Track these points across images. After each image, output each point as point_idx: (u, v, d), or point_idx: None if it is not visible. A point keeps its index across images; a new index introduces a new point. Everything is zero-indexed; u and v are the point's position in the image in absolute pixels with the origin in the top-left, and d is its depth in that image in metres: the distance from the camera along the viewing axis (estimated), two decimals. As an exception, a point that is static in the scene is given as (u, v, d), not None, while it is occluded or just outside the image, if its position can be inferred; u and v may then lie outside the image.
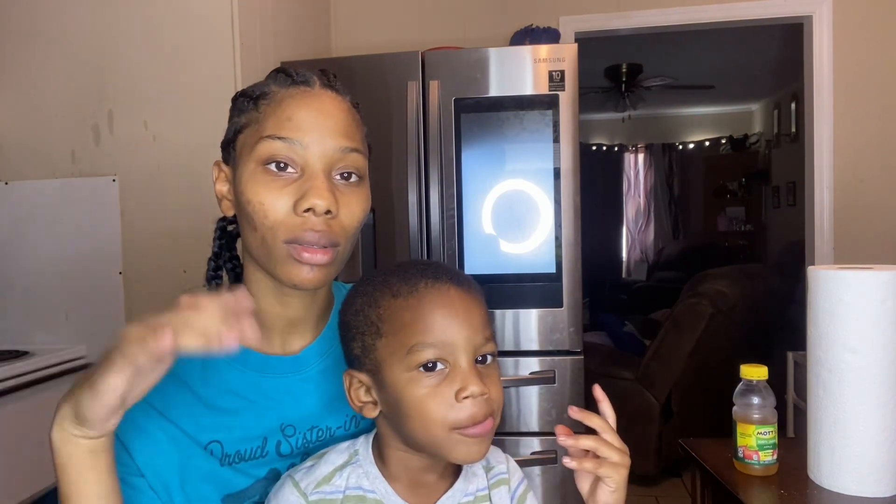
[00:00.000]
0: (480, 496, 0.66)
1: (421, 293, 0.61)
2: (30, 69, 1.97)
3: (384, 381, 0.62)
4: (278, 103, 0.67)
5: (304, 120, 0.66)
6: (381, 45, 2.72)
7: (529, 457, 1.90)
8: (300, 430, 0.71)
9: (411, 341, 0.59)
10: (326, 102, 0.68)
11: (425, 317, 0.60)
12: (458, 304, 0.61)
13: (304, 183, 0.65)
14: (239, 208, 0.68)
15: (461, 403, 0.59)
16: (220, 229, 0.78)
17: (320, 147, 0.66)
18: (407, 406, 0.60)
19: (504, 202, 1.93)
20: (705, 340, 2.77)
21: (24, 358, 1.75)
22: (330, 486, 0.63)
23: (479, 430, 0.59)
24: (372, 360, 0.62)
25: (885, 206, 2.61)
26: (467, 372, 0.59)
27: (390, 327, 0.61)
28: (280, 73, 0.70)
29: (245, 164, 0.67)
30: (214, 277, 0.78)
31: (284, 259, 0.66)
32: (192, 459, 0.66)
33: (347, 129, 0.69)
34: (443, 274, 0.63)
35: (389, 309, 0.61)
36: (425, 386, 0.59)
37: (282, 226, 0.65)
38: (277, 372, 0.71)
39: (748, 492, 1.01)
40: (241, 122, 0.69)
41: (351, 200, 0.68)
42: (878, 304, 0.95)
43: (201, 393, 0.68)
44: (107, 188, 1.92)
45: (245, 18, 1.91)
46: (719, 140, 6.85)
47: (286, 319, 0.72)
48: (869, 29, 2.60)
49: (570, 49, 1.90)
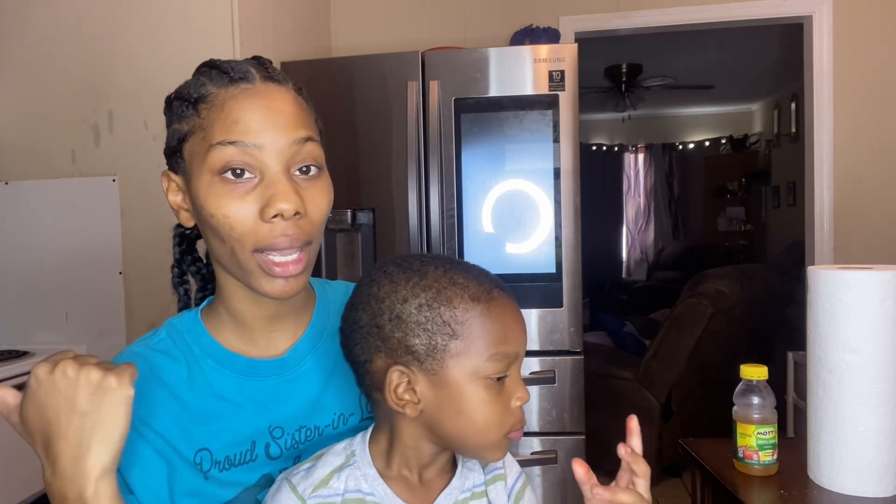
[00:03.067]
0: (477, 492, 0.66)
1: (497, 301, 0.63)
2: (30, 69, 1.97)
3: (447, 382, 0.61)
4: (220, 107, 0.63)
5: (252, 121, 0.63)
6: (381, 45, 2.72)
7: (529, 457, 1.90)
8: (288, 431, 0.70)
9: (493, 349, 0.61)
10: (271, 96, 0.65)
11: (507, 328, 0.62)
12: (520, 317, 0.65)
13: (266, 188, 0.63)
14: (201, 221, 0.66)
15: (514, 409, 0.62)
16: (179, 235, 0.77)
17: (275, 146, 0.63)
18: (469, 409, 0.61)
19: (504, 202, 1.93)
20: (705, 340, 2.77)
21: (24, 358, 1.75)
22: (328, 490, 0.62)
23: (519, 435, 0.64)
24: (438, 359, 0.60)
25: (885, 206, 2.61)
26: (520, 380, 0.63)
27: (469, 332, 0.61)
28: (213, 69, 0.66)
29: (199, 175, 0.64)
30: (181, 283, 0.77)
31: (256, 272, 0.64)
32: (178, 473, 0.65)
33: (297, 119, 0.65)
34: (501, 285, 0.65)
35: (470, 313, 0.61)
36: (493, 393, 0.61)
37: (250, 236, 0.63)
38: (263, 374, 0.71)
39: (748, 492, 1.01)
40: (184, 129, 0.66)
41: (315, 195, 0.66)
42: (878, 304, 0.95)
43: (187, 399, 0.67)
44: (107, 188, 1.92)
45: (245, 18, 1.91)
46: (719, 140, 6.85)
47: (264, 318, 0.71)
48: (869, 29, 2.60)
49: (570, 49, 1.90)
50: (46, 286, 1.95)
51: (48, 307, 1.95)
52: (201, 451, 0.67)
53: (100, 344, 1.92)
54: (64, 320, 1.95)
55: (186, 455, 0.66)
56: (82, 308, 1.94)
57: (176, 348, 0.70)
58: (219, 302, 0.72)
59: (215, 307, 0.73)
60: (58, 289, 1.95)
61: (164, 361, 0.69)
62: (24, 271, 1.96)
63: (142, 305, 1.92)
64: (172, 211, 0.71)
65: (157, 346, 0.70)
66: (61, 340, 1.92)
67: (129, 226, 1.92)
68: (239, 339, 0.71)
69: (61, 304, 1.95)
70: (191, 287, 0.78)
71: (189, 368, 0.69)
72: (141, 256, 1.91)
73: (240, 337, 0.71)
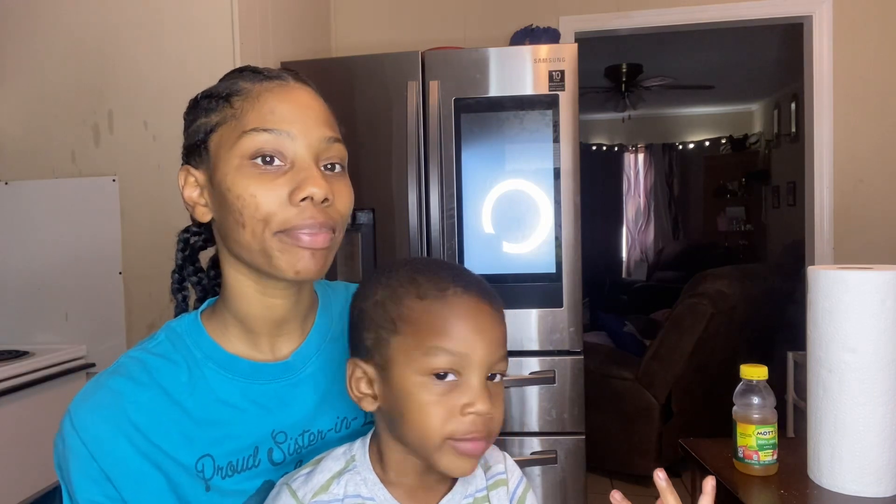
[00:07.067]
0: (479, 498, 0.65)
1: (449, 300, 0.60)
2: (30, 70, 1.97)
3: (391, 379, 0.61)
4: (256, 97, 0.65)
5: (287, 112, 0.65)
6: (381, 45, 2.72)
7: (529, 457, 1.90)
8: (291, 435, 0.70)
9: (429, 343, 0.59)
10: (304, 95, 0.68)
11: (449, 324, 0.59)
12: (482, 318, 0.60)
13: (296, 174, 0.64)
14: (224, 208, 0.65)
15: (464, 417, 0.58)
16: (183, 241, 0.76)
17: (307, 138, 0.65)
18: (409, 408, 0.59)
19: (504, 202, 1.93)
20: (705, 340, 2.77)
21: (24, 358, 1.75)
22: (328, 495, 0.61)
23: (472, 448, 0.59)
24: (383, 355, 0.61)
25: (885, 206, 2.61)
26: (478, 387, 0.59)
27: (410, 328, 0.60)
28: (245, 71, 0.69)
29: (227, 160, 0.64)
30: (180, 290, 0.77)
31: (279, 249, 0.64)
32: (178, 486, 0.64)
33: (328, 119, 0.68)
34: (473, 285, 0.62)
35: (413, 310, 0.60)
36: (433, 393, 0.59)
37: (275, 217, 0.63)
38: (267, 378, 0.70)
39: (748, 492, 1.01)
40: (213, 121, 0.66)
41: (341, 190, 0.67)
42: (878, 304, 0.95)
43: (188, 405, 0.66)
44: (107, 188, 1.92)
45: (245, 18, 1.91)
46: (719, 140, 6.85)
47: (272, 322, 0.70)
48: (869, 29, 2.60)
49: (570, 49, 1.90)
50: (46, 286, 1.95)
51: (48, 307, 1.95)
52: (203, 458, 0.65)
53: (99, 344, 1.92)
54: (64, 320, 1.95)
55: (187, 463, 0.65)
56: (82, 308, 1.94)
57: (176, 352, 0.68)
58: (223, 305, 0.71)
59: (218, 310, 0.71)
60: (58, 289, 1.95)
61: (164, 366, 0.67)
62: (24, 271, 1.96)
63: (142, 306, 1.92)
64: (187, 208, 0.70)
65: (156, 351, 0.68)
66: (61, 340, 1.92)
67: (129, 226, 1.92)
68: (242, 342, 0.70)
69: (61, 305, 1.95)
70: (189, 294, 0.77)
71: (190, 373, 0.67)
72: (141, 257, 1.91)
73: (244, 341, 0.70)
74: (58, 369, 1.79)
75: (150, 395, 0.65)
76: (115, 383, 0.65)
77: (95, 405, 0.64)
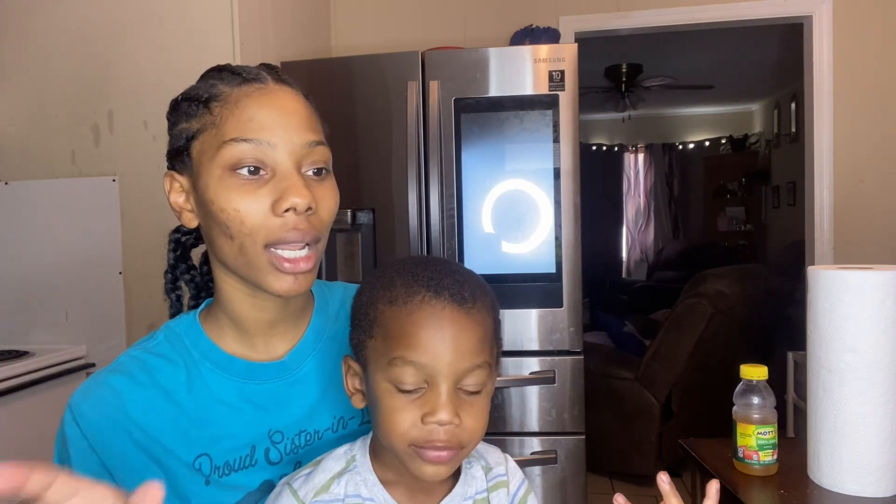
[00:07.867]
0: (479, 499, 0.65)
1: (414, 307, 0.58)
2: (30, 69, 1.97)
3: (368, 381, 0.62)
4: (234, 104, 0.64)
5: (266, 119, 0.63)
6: (381, 45, 2.72)
7: (529, 457, 1.90)
8: (288, 435, 0.70)
9: (394, 353, 0.58)
10: (284, 98, 0.66)
11: (411, 334, 0.58)
12: (449, 326, 0.58)
13: (278, 183, 0.63)
14: (209, 218, 0.65)
15: (425, 425, 0.58)
16: (174, 241, 0.77)
17: (287, 145, 0.64)
18: (380, 411, 0.60)
19: (504, 202, 1.93)
20: (705, 340, 2.77)
21: (24, 358, 1.75)
22: (329, 495, 0.61)
23: (435, 457, 0.58)
24: (362, 355, 0.62)
25: (885, 206, 2.61)
26: (443, 398, 0.57)
27: (380, 332, 0.60)
28: (223, 71, 0.67)
29: (209, 170, 0.64)
30: (174, 289, 0.77)
31: (266, 268, 0.64)
32: (178, 479, 0.65)
33: (309, 122, 0.67)
34: (445, 289, 0.59)
35: (384, 314, 0.60)
36: (400, 399, 0.59)
37: (261, 230, 0.63)
38: (263, 378, 0.70)
39: (748, 492, 1.01)
40: (193, 127, 0.66)
41: (325, 195, 0.67)
42: (878, 304, 0.95)
43: (186, 404, 0.67)
44: (107, 188, 1.92)
45: (245, 18, 1.91)
46: (719, 140, 6.85)
47: (264, 322, 0.70)
48: (869, 29, 2.60)
49: (570, 49, 1.90)
50: (46, 286, 1.95)
51: (48, 307, 1.95)
52: (201, 457, 0.66)
53: (99, 344, 1.92)
54: (64, 320, 1.95)
55: (186, 460, 0.65)
56: (82, 308, 1.94)
57: (174, 352, 0.69)
58: (217, 306, 0.71)
59: (213, 311, 0.72)
60: (57, 289, 1.95)
61: (163, 365, 0.68)
62: (24, 271, 1.96)
63: (141, 305, 1.92)
64: (174, 213, 0.71)
65: (155, 350, 0.69)
66: (61, 340, 1.93)
67: (129, 226, 1.92)
68: (238, 342, 0.71)
69: (61, 305, 1.95)
70: (184, 294, 0.78)
71: (188, 372, 0.68)
72: (141, 257, 1.91)
73: (239, 340, 0.71)
74: (58, 369, 1.79)
75: (149, 395, 0.66)
76: (115, 381, 0.66)
77: (96, 401, 0.65)
